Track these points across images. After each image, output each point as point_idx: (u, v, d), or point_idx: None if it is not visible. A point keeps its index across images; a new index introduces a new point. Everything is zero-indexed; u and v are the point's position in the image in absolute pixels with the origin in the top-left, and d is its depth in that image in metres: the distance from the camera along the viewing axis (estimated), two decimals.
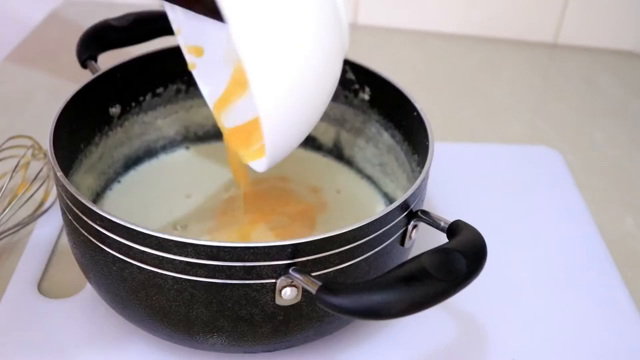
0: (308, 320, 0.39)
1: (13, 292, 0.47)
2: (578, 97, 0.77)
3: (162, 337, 0.42)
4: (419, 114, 0.47)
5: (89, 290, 0.47)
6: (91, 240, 0.38)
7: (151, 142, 0.56)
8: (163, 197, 0.53)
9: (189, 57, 0.49)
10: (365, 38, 0.86)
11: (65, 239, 0.51)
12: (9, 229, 0.51)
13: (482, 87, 0.78)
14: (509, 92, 0.78)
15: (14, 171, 0.52)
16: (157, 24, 0.57)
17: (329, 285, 0.33)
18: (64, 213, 0.41)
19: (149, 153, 0.57)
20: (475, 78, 0.80)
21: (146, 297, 0.38)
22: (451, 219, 0.39)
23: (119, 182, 0.54)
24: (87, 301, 0.46)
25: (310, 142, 0.59)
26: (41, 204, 0.54)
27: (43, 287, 0.48)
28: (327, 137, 0.58)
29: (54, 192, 0.54)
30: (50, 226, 0.53)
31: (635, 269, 0.53)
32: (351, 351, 0.44)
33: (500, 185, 0.59)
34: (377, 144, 0.55)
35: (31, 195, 0.53)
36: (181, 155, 0.58)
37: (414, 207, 0.41)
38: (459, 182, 0.59)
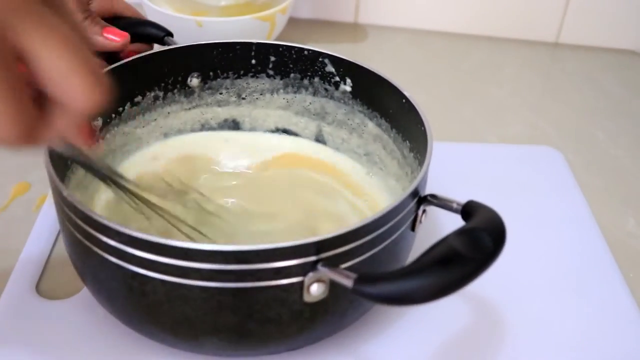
0: (332, 314, 0.39)
1: (11, 293, 0.46)
2: (579, 97, 0.77)
3: (184, 348, 0.41)
4: (408, 100, 0.48)
5: (87, 292, 0.46)
6: (106, 258, 0.37)
7: (131, 152, 0.55)
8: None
9: None
10: (366, 37, 0.86)
11: (62, 241, 0.50)
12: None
13: (483, 87, 0.78)
14: (510, 92, 0.77)
15: None
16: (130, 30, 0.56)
17: (365, 276, 0.33)
18: (70, 232, 0.40)
19: None
20: (476, 77, 0.80)
21: (169, 310, 0.37)
22: (452, 220, 0.39)
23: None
24: (85, 302, 0.46)
25: (292, 137, 0.59)
26: (39, 205, 0.54)
27: (41, 288, 0.48)
28: (308, 132, 0.58)
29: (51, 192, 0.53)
30: (49, 227, 0.52)
31: (636, 269, 0.53)
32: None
33: (501, 186, 0.59)
34: (361, 134, 0.55)
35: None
36: None
37: (423, 191, 0.41)
38: (460, 183, 0.56)
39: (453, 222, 0.38)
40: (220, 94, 0.57)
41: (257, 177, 0.55)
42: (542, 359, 0.45)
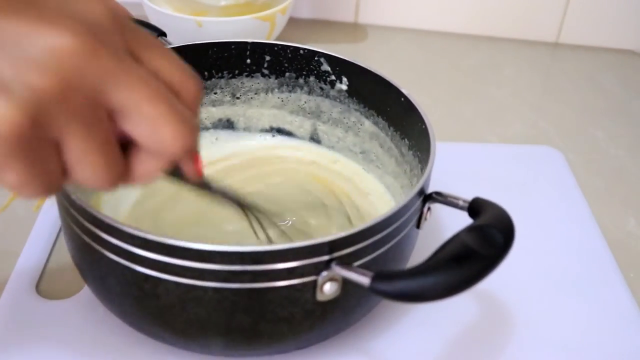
0: (342, 311, 0.40)
1: (11, 293, 0.46)
2: (579, 97, 0.77)
3: (192, 349, 0.41)
4: (407, 99, 0.48)
5: (87, 291, 0.46)
6: (116, 261, 0.37)
7: None
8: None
9: None
10: (366, 37, 0.86)
11: (63, 240, 0.50)
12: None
13: (483, 87, 0.78)
14: (510, 92, 0.77)
15: None
16: None
17: (382, 274, 0.34)
18: (76, 235, 0.39)
19: None
20: (476, 77, 0.80)
21: (181, 312, 0.37)
22: (452, 220, 0.40)
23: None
24: (85, 302, 0.46)
25: (287, 137, 0.59)
26: (39, 204, 0.54)
27: (41, 288, 0.47)
28: (303, 130, 0.58)
29: None
30: (49, 226, 0.52)
31: (637, 269, 0.53)
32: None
33: (501, 186, 0.58)
34: (357, 133, 0.55)
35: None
36: None
37: (428, 189, 0.42)
38: (460, 183, 0.55)
39: (453, 220, 0.38)
40: (215, 93, 0.57)
41: (252, 176, 0.56)
42: (542, 358, 0.45)
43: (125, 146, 0.29)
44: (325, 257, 0.36)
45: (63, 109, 0.26)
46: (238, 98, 0.58)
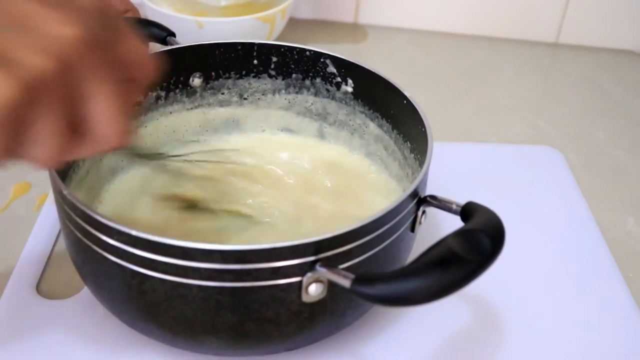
0: (331, 314, 0.39)
1: (11, 293, 0.47)
2: (579, 97, 0.77)
3: (183, 347, 0.42)
4: (409, 101, 0.48)
5: (87, 291, 0.46)
6: (106, 257, 0.37)
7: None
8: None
9: None
10: (366, 37, 0.86)
11: (63, 241, 0.50)
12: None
13: (483, 87, 0.78)
14: (510, 92, 0.77)
15: None
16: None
17: (363, 277, 0.33)
18: (70, 231, 0.40)
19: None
20: (476, 77, 0.80)
21: (168, 309, 0.37)
22: (453, 219, 0.39)
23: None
24: (85, 302, 0.46)
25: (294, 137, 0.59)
26: (39, 204, 0.54)
27: (41, 287, 0.48)
28: (309, 132, 0.58)
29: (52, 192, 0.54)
30: (49, 226, 0.52)
31: (636, 269, 0.53)
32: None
33: (501, 186, 0.59)
34: (362, 135, 0.55)
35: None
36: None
37: (423, 193, 0.41)
38: (460, 183, 0.56)
39: (454, 223, 0.38)
40: (222, 94, 0.57)
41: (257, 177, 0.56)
42: (541, 359, 0.45)
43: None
44: (311, 258, 0.36)
45: (54, 91, 0.29)
46: (245, 99, 0.58)
